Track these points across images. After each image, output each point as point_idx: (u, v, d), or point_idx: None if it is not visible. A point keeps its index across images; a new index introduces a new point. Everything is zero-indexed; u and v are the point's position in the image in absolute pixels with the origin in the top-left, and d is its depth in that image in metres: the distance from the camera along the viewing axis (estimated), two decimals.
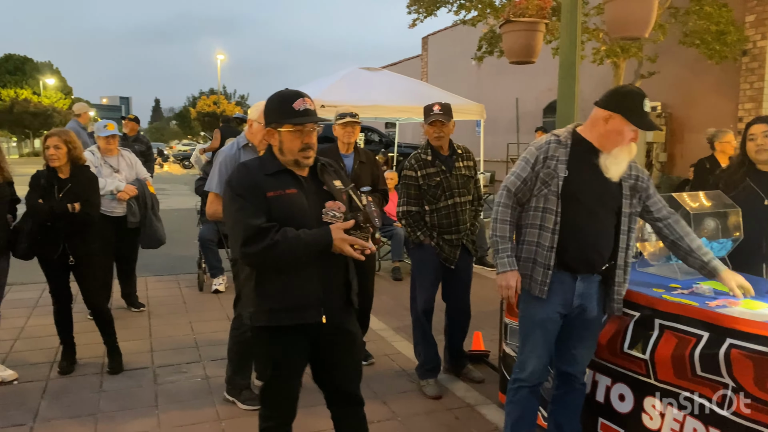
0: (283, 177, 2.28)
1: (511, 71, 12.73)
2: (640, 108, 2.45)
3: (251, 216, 2.17)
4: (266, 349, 2.35)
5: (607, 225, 2.60)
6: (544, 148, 2.61)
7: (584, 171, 2.55)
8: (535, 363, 2.68)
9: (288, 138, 2.25)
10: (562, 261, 2.58)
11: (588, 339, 2.73)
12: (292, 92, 2.31)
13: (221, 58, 42.58)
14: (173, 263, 7.54)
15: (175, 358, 4.39)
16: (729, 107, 10.15)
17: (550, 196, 2.55)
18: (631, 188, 2.62)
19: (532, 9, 4.12)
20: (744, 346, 2.23)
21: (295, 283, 2.25)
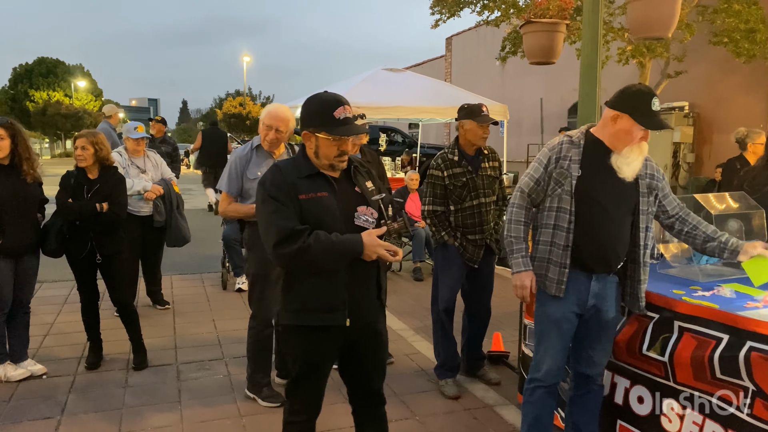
0: (315, 180, 2.28)
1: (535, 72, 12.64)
2: (648, 107, 2.44)
3: (285, 218, 2.19)
4: (294, 346, 2.38)
5: (623, 224, 2.59)
6: (557, 149, 2.62)
7: (598, 170, 2.55)
8: (551, 363, 2.68)
9: (325, 144, 2.26)
10: (577, 260, 2.59)
11: (604, 341, 2.72)
12: (332, 98, 2.28)
13: (247, 60, 43.01)
14: (198, 262, 7.66)
15: (198, 355, 4.47)
16: (759, 107, 9.94)
17: (564, 196, 2.56)
18: (648, 186, 2.61)
19: (553, 9, 4.11)
20: (765, 349, 2.20)
21: (323, 284, 2.26)
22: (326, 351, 2.37)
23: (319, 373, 2.41)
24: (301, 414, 2.45)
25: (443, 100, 9.09)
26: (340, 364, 2.52)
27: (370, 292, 2.40)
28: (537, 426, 2.76)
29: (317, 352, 2.36)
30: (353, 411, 2.59)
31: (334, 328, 2.30)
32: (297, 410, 2.45)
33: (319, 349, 2.35)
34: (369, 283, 2.39)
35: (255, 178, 3.42)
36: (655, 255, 3.29)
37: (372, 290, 2.41)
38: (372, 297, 2.41)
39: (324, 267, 2.22)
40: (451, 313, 3.94)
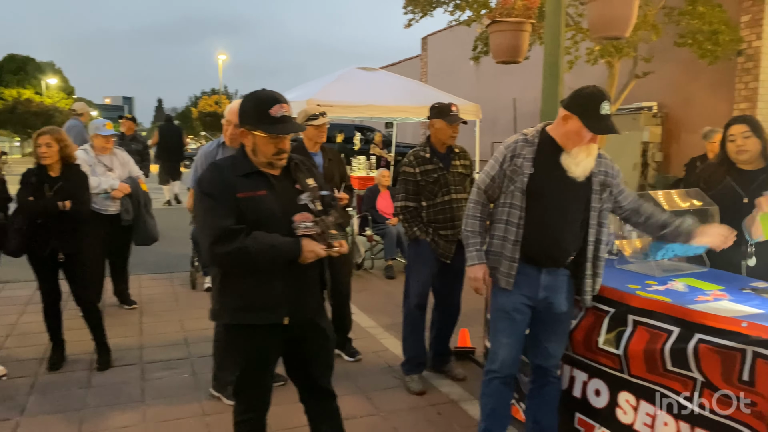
0: (254, 178, 2.27)
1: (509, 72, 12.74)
2: (596, 111, 2.47)
3: (221, 217, 2.17)
4: (236, 345, 2.38)
5: (573, 220, 2.64)
6: (512, 147, 2.68)
7: (551, 168, 2.60)
8: (505, 354, 2.74)
9: (262, 142, 2.25)
10: (527, 254, 2.65)
11: (558, 333, 2.78)
12: (269, 96, 2.27)
13: (223, 58, 42.66)
14: (167, 261, 7.58)
15: (164, 354, 4.43)
16: (724, 107, 10.15)
17: (516, 193, 2.62)
18: (600, 183, 2.66)
19: (519, 9, 4.15)
20: (711, 341, 2.26)
21: (259, 283, 2.26)
22: (268, 348, 2.37)
23: (264, 371, 2.41)
24: (249, 412, 2.45)
25: (418, 100, 9.10)
26: (286, 362, 2.52)
27: (312, 289, 2.40)
28: (494, 416, 2.81)
29: (259, 350, 2.36)
30: (306, 409, 2.60)
31: (275, 325, 2.30)
32: (245, 409, 2.45)
33: (261, 346, 2.36)
34: (311, 280, 2.39)
35: None
36: (613, 251, 3.36)
37: (315, 286, 2.41)
38: (315, 293, 2.42)
39: (261, 267, 2.22)
40: (423, 309, 3.97)
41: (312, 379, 2.52)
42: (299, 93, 9.06)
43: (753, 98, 9.65)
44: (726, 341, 2.20)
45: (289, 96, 8.96)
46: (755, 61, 9.57)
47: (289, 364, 2.53)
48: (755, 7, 9.46)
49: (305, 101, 7.78)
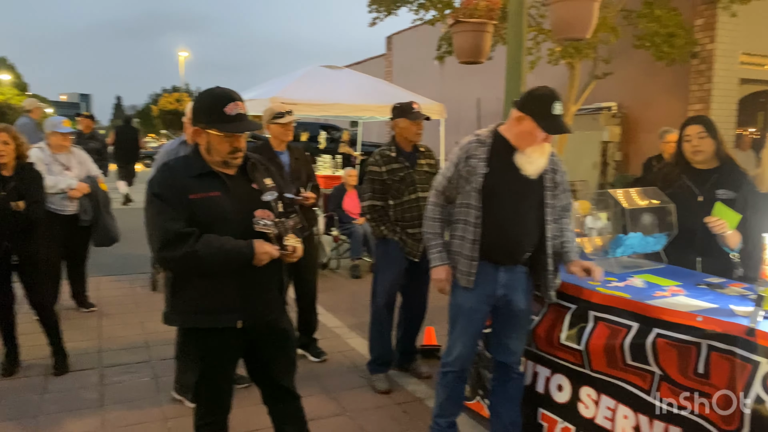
0: (207, 179, 2.22)
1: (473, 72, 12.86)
2: (549, 111, 2.54)
3: (170, 219, 2.12)
4: (192, 349, 2.34)
5: (529, 217, 2.71)
6: (466, 148, 2.73)
7: (504, 167, 2.66)
8: (461, 349, 2.82)
9: (217, 141, 2.20)
10: (485, 252, 2.70)
11: (518, 329, 2.83)
12: (224, 93, 2.22)
13: (184, 55, 41.85)
14: (127, 262, 7.41)
15: (124, 358, 4.33)
16: (680, 108, 10.45)
17: (472, 193, 2.67)
18: (552, 181, 2.74)
19: (482, 10, 4.19)
20: (669, 335, 2.32)
21: (212, 286, 2.21)
22: (225, 351, 2.33)
23: (223, 373, 2.37)
24: (210, 416, 2.41)
25: (383, 99, 9.09)
26: (247, 364, 2.49)
27: (268, 290, 2.36)
28: (447, 404, 2.94)
29: (215, 354, 2.31)
30: (269, 411, 2.57)
31: (230, 328, 2.26)
32: (206, 412, 2.41)
33: (217, 350, 2.30)
34: (269, 281, 2.35)
35: None
36: None
37: (271, 287, 2.38)
38: (273, 294, 2.38)
39: (212, 272, 2.16)
40: (391, 308, 3.97)
41: (274, 380, 2.49)
42: (263, 91, 8.96)
43: (707, 99, 9.97)
44: (682, 335, 2.26)
45: (253, 94, 8.87)
46: (708, 63, 9.88)
47: (250, 366, 2.50)
48: (708, 11, 9.77)
49: (269, 99, 7.69)
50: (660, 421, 2.34)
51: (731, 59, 9.95)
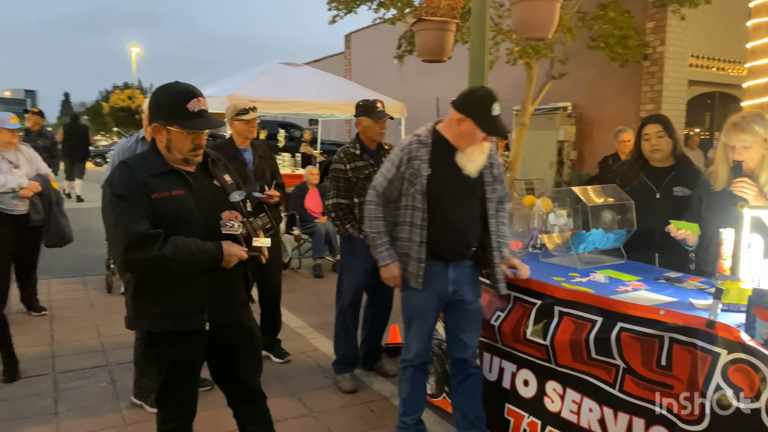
0: (170, 177, 2.16)
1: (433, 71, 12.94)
2: (488, 113, 2.60)
3: (134, 221, 2.03)
4: (156, 353, 2.26)
5: (473, 214, 2.79)
6: (407, 149, 2.76)
7: (446, 167, 2.72)
8: (418, 346, 2.89)
9: (178, 138, 2.14)
10: (434, 252, 2.76)
11: (471, 322, 2.90)
12: (185, 89, 2.15)
13: (136, 51, 40.80)
14: (79, 264, 7.17)
15: (79, 363, 4.17)
16: (632, 108, 10.76)
17: (417, 195, 2.71)
18: (491, 175, 2.82)
19: (444, 8, 4.20)
20: (632, 329, 2.37)
21: (178, 288, 2.15)
22: (191, 354, 2.27)
23: (188, 377, 2.32)
24: (174, 421, 2.35)
25: (343, 97, 9.07)
26: (211, 366, 2.43)
27: (236, 289, 2.33)
28: (411, 399, 2.99)
29: (181, 357, 2.25)
30: (234, 413, 2.52)
31: (197, 330, 2.20)
32: (170, 417, 2.35)
33: (183, 353, 2.25)
34: (234, 281, 2.31)
35: None
36: (537, 245, 3.47)
37: (238, 287, 2.34)
38: (239, 294, 2.35)
39: (179, 274, 2.11)
40: (356, 308, 3.95)
41: (240, 381, 2.44)
42: (220, 88, 8.81)
43: (658, 100, 10.29)
44: (646, 329, 2.32)
45: (210, 90, 8.69)
46: (659, 65, 10.21)
47: (214, 368, 2.44)
48: (659, 14, 10.09)
49: (227, 96, 7.56)
50: (624, 413, 2.39)
51: (680, 61, 10.30)
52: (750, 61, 4.40)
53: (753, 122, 2.67)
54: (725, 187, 2.75)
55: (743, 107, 4.43)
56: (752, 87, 4.40)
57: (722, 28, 9.99)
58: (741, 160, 2.69)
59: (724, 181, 2.78)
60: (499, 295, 3.02)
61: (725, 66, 10.86)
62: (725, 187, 2.75)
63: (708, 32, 10.24)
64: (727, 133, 2.75)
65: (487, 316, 3.02)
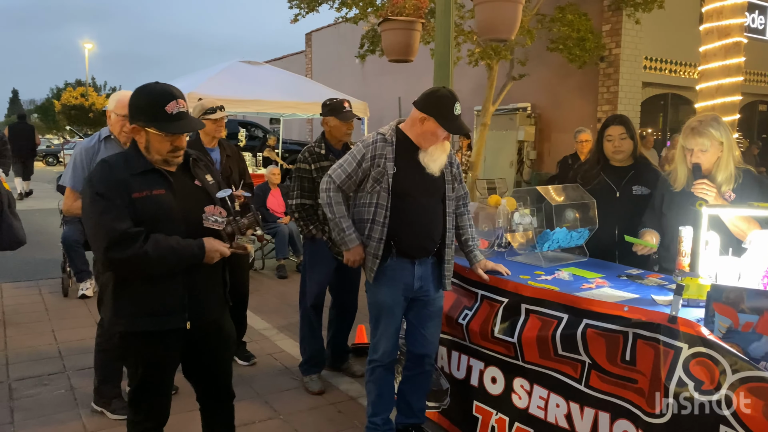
0: (150, 176, 2.14)
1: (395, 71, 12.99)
2: (450, 112, 2.68)
3: (115, 219, 2.02)
4: (133, 353, 2.23)
5: (436, 212, 2.86)
6: (372, 147, 2.80)
7: (410, 166, 2.78)
8: (386, 344, 2.91)
9: (157, 140, 2.13)
10: (400, 250, 2.82)
11: (433, 317, 2.95)
12: (164, 90, 2.14)
13: (89, 47, 39.59)
14: (34, 267, 6.92)
15: (35, 370, 4.03)
16: (589, 109, 11.04)
17: (382, 193, 2.76)
18: (451, 174, 2.90)
19: (410, 8, 4.23)
20: (597, 325, 2.42)
21: (158, 288, 2.14)
22: (167, 355, 2.26)
23: (164, 378, 2.29)
24: (147, 423, 2.31)
25: (304, 96, 9.02)
26: (185, 365, 2.42)
27: (214, 289, 2.32)
28: (380, 401, 2.99)
29: (159, 357, 2.23)
30: (201, 408, 2.53)
31: (176, 329, 2.19)
32: (142, 419, 2.30)
33: (160, 353, 2.23)
34: (213, 280, 2.31)
35: None
36: (503, 244, 3.52)
37: (216, 286, 2.34)
38: (216, 294, 2.34)
39: (161, 272, 2.10)
40: (319, 309, 3.92)
41: (214, 380, 2.46)
42: (180, 85, 8.57)
43: (614, 101, 10.58)
44: (610, 325, 2.37)
45: None
46: (615, 67, 10.49)
47: (189, 367, 2.42)
48: (614, 17, 10.37)
49: (186, 95, 7.41)
50: (590, 408, 2.45)
51: (635, 64, 10.62)
52: (702, 64, 4.56)
53: (710, 126, 2.78)
54: (684, 188, 2.84)
55: (696, 108, 4.59)
56: (704, 89, 4.56)
57: (675, 31, 10.35)
58: (698, 162, 2.79)
59: (683, 181, 2.89)
60: (466, 294, 3.06)
61: (677, 68, 11.24)
62: (684, 188, 2.84)
63: (661, 35, 10.59)
64: (686, 137, 2.85)
65: (454, 314, 3.05)
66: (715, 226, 2.62)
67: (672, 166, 3.05)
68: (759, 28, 11.63)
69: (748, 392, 1.94)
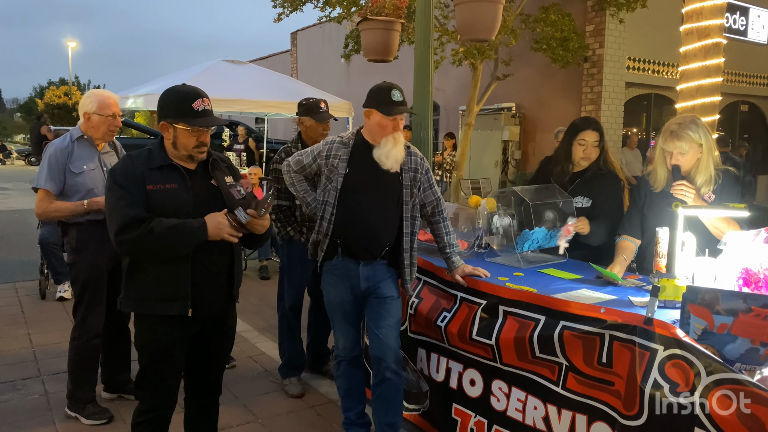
0: (167, 171, 2.31)
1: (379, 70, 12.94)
2: (388, 98, 2.77)
3: (128, 205, 2.21)
4: (140, 335, 2.37)
5: (387, 214, 2.86)
6: (328, 147, 2.89)
7: (365, 167, 2.82)
8: (345, 340, 2.99)
9: (183, 135, 2.29)
10: (346, 249, 2.86)
11: (386, 317, 2.91)
12: (191, 90, 2.32)
13: (72, 45, 39.14)
14: (10, 269, 6.83)
15: (8, 374, 3.95)
16: (573, 109, 11.08)
17: (332, 191, 2.83)
18: (410, 179, 2.89)
19: (389, 8, 4.20)
20: (574, 327, 2.41)
21: (166, 274, 2.28)
22: (173, 341, 2.35)
23: (168, 364, 2.38)
24: (150, 412, 2.38)
25: (289, 95, 8.95)
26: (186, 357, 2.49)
27: (219, 284, 2.40)
28: (350, 395, 3.06)
29: (163, 342, 2.34)
30: (186, 397, 2.57)
31: (179, 317, 2.30)
32: (148, 408, 2.38)
33: (165, 338, 2.33)
34: (219, 275, 2.39)
35: (81, 172, 3.22)
36: (482, 245, 3.50)
37: (222, 282, 2.41)
38: (222, 289, 2.41)
39: (168, 252, 2.25)
40: (298, 311, 3.88)
41: (208, 374, 2.55)
42: (161, 85, 8.51)
43: (597, 101, 10.62)
44: (587, 327, 2.36)
45: (150, 88, 8.42)
46: (599, 67, 10.54)
47: (189, 357, 2.47)
48: (598, 18, 10.41)
49: None
50: (567, 410, 2.43)
51: (618, 64, 10.67)
52: (683, 64, 4.57)
53: (688, 129, 2.78)
54: (664, 189, 2.84)
55: (677, 109, 4.61)
56: (685, 89, 4.58)
57: (657, 32, 10.41)
58: (678, 164, 2.79)
59: (662, 182, 2.89)
60: (445, 296, 3.04)
61: (660, 69, 11.32)
62: (664, 189, 2.84)
63: (644, 36, 10.65)
64: (665, 140, 2.85)
65: (433, 317, 3.03)
66: (693, 227, 2.62)
67: (652, 166, 3.04)
68: (740, 29, 11.74)
69: (722, 395, 1.93)
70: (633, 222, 3.07)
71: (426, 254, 3.35)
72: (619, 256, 2.99)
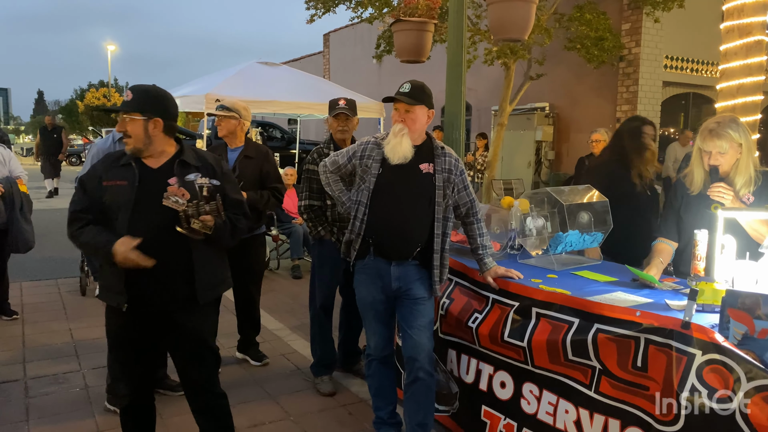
0: (122, 168, 2.40)
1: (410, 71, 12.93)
2: (399, 91, 2.84)
3: (75, 202, 2.42)
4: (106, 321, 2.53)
5: (419, 215, 2.85)
6: (363, 147, 2.93)
7: (397, 167, 2.82)
8: (377, 339, 3.01)
9: None
10: (378, 248, 2.88)
11: (419, 318, 2.90)
12: None
13: (112, 48, 40.12)
14: (53, 266, 7.03)
15: (51, 368, 4.08)
16: (608, 109, 10.89)
17: (364, 191, 2.86)
18: (444, 180, 2.88)
19: (422, 9, 4.20)
20: (609, 330, 2.38)
21: (110, 268, 2.38)
22: (120, 331, 2.46)
23: (122, 352, 2.50)
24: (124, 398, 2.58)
25: (321, 96, 9.02)
26: None
27: (173, 284, 2.41)
28: (381, 393, 3.09)
29: (113, 330, 2.49)
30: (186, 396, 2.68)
31: (128, 311, 2.39)
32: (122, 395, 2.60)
33: (114, 327, 2.48)
34: (173, 275, 2.40)
35: None
36: (515, 246, 3.47)
37: (179, 283, 2.41)
38: (176, 288, 2.42)
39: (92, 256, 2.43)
40: (329, 310, 3.91)
41: (183, 372, 2.59)
42: (197, 87, 8.70)
43: (633, 101, 10.42)
44: (622, 330, 2.32)
45: (186, 90, 8.58)
46: (635, 66, 10.34)
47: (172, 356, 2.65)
48: (634, 16, 10.22)
49: (203, 96, 7.48)
50: (600, 415, 2.40)
51: (655, 63, 10.45)
52: (723, 63, 4.46)
53: (728, 128, 2.70)
54: (702, 190, 2.77)
55: (717, 108, 4.50)
56: (725, 89, 4.46)
57: (695, 30, 10.16)
58: (716, 164, 2.72)
59: (699, 184, 2.81)
60: (477, 297, 3.03)
61: (698, 67, 11.05)
62: (702, 190, 2.77)
63: (682, 34, 10.41)
64: (703, 139, 2.77)
65: (464, 318, 3.02)
66: (733, 230, 2.55)
67: (689, 168, 2.97)
68: None
69: (762, 401, 1.89)
70: (669, 224, 3.01)
71: (457, 255, 3.34)
72: (655, 259, 2.93)
